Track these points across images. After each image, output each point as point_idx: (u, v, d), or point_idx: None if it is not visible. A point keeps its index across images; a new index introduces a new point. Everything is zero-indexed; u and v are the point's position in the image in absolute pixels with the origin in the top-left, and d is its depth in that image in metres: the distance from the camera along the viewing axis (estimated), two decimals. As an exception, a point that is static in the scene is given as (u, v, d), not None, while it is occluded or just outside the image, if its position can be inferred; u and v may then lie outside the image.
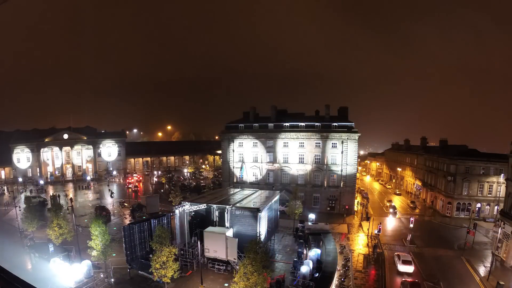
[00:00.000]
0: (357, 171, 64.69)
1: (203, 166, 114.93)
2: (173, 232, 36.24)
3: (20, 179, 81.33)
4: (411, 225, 46.04)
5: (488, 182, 54.97)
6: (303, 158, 60.71)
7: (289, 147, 61.67)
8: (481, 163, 55.74)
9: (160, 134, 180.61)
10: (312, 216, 47.80)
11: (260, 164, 63.89)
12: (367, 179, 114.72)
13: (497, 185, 54.08)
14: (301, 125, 61.83)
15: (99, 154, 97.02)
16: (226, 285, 29.17)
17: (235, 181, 64.97)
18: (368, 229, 46.53)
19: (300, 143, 60.69)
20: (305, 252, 34.74)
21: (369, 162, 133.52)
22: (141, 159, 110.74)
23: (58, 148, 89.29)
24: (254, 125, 65.37)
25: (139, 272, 31.55)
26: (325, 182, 59.27)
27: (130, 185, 78.47)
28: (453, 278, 32.62)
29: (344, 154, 57.80)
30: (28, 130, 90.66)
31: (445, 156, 61.64)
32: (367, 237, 44.89)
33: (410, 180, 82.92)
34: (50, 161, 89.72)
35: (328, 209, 58.92)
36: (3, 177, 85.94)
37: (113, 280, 30.06)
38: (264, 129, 64.28)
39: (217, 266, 32.66)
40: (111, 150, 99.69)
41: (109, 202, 63.69)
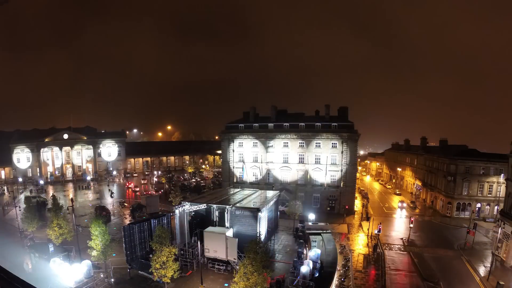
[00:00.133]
0: (357, 171, 64.71)
1: (203, 166, 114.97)
2: (173, 232, 36.24)
3: (20, 179, 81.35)
4: (411, 225, 46.05)
5: (488, 182, 54.99)
6: (303, 158, 60.70)
7: (289, 147, 61.68)
8: (481, 163, 55.74)
9: (160, 134, 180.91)
10: (312, 216, 47.78)
11: (260, 164, 63.89)
12: (367, 179, 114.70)
13: (497, 185, 54.10)
14: (301, 125, 61.85)
15: (99, 154, 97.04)
16: (226, 285, 29.16)
17: (235, 181, 64.97)
18: (368, 229, 46.56)
19: (300, 143, 60.70)
20: (305, 252, 34.73)
21: (369, 162, 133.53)
22: (141, 159, 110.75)
23: (58, 148, 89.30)
24: (254, 125, 65.39)
25: (139, 272, 31.56)
26: (325, 182, 59.31)
27: (131, 185, 78.63)
28: (453, 278, 32.64)
29: (344, 154, 57.80)
30: (28, 130, 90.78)
31: (445, 156, 61.64)
32: (367, 237, 44.93)
33: (410, 180, 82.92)
34: (50, 161, 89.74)
35: (328, 209, 58.90)
36: (3, 177, 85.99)
37: (113, 280, 30.07)
38: (264, 129, 64.29)
39: (217, 266, 32.67)
40: (111, 150, 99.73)
41: (109, 202, 63.74)
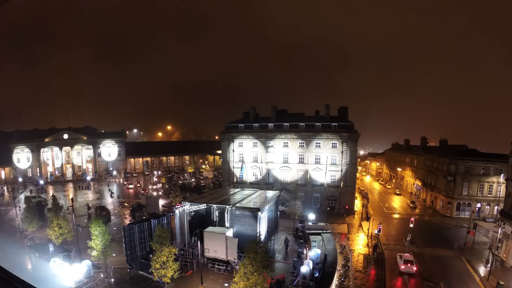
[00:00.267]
0: (357, 171, 64.67)
1: (203, 166, 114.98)
2: (173, 232, 36.23)
3: (20, 179, 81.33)
4: (411, 225, 46.05)
5: (488, 182, 54.97)
6: (303, 158, 60.69)
7: (289, 147, 61.67)
8: (481, 163, 55.71)
9: (160, 134, 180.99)
10: (312, 216, 47.79)
11: (260, 164, 63.89)
12: (367, 179, 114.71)
13: (497, 185, 54.09)
14: (301, 125, 61.85)
15: (99, 154, 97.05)
16: (226, 285, 29.14)
17: (235, 181, 64.96)
18: (368, 229, 46.55)
19: (300, 143, 60.69)
20: (305, 252, 34.73)
21: (369, 162, 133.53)
22: (141, 159, 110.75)
23: (58, 148, 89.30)
24: (254, 125, 65.38)
25: (139, 272, 31.53)
26: (325, 182, 59.31)
27: (131, 185, 78.64)
28: (453, 278, 32.61)
29: (344, 154, 57.79)
30: (28, 130, 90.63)
31: (445, 156, 61.62)
32: (367, 237, 44.92)
33: (410, 180, 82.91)
34: (50, 161, 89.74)
35: (328, 209, 58.90)
36: (3, 177, 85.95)
37: (113, 280, 30.05)
38: (264, 129, 64.29)
39: (217, 266, 32.65)
40: (111, 150, 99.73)
41: (109, 202, 63.73)
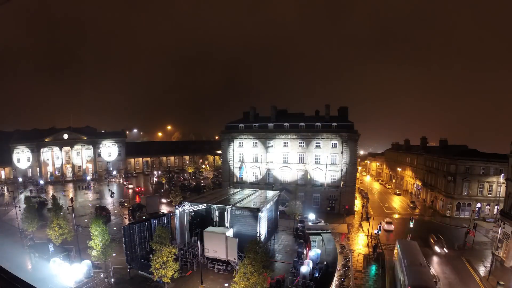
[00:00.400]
0: (357, 171, 64.66)
1: (203, 166, 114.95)
2: (173, 232, 36.23)
3: (20, 179, 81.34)
4: (411, 225, 46.04)
5: (488, 182, 54.99)
6: (303, 158, 60.69)
7: (289, 147, 61.67)
8: (481, 163, 55.73)
9: (160, 134, 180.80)
10: (312, 216, 47.78)
11: (260, 164, 63.88)
12: (367, 179, 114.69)
13: (497, 185, 54.11)
14: (301, 125, 61.85)
15: (99, 154, 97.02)
16: (226, 285, 29.15)
17: (235, 181, 64.96)
18: (368, 229, 46.54)
19: (300, 143, 60.69)
20: (305, 252, 34.71)
21: (369, 162, 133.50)
22: (141, 159, 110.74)
23: (58, 148, 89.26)
24: (254, 125, 65.39)
25: (139, 272, 31.54)
26: (325, 182, 59.30)
27: (131, 185, 78.56)
28: (453, 278, 32.62)
29: (344, 154, 57.79)
30: (28, 130, 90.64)
31: (445, 156, 61.63)
32: (367, 237, 44.92)
33: (410, 180, 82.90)
34: (50, 161, 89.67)
35: (328, 209, 58.89)
36: (3, 177, 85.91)
37: (113, 280, 30.07)
38: (264, 129, 64.29)
39: (217, 266, 32.65)
40: (111, 150, 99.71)
41: (109, 202, 63.72)
